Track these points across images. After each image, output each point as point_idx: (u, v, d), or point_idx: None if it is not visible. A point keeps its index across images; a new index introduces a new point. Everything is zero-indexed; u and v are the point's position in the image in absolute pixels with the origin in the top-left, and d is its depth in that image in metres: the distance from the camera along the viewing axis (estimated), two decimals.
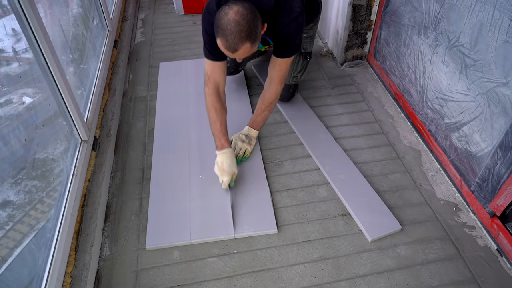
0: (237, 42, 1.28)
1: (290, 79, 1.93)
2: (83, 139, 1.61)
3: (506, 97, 1.27)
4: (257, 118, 1.73)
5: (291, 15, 1.44)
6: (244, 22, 1.27)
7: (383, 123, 1.96)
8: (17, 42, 1.33)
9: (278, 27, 1.46)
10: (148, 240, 1.43)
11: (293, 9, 1.45)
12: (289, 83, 1.95)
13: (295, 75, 1.93)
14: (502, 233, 1.36)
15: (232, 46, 1.29)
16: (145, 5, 3.20)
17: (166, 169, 1.69)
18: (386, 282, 1.32)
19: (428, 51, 1.68)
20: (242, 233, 1.46)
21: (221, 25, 1.28)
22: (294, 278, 1.34)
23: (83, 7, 2.14)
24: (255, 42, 1.33)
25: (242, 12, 1.27)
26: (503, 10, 1.23)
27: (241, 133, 1.74)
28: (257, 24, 1.32)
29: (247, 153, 1.72)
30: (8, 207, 1.12)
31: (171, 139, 1.84)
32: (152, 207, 1.54)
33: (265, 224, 1.49)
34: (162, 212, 1.53)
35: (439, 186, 1.64)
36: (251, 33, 1.29)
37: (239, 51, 1.31)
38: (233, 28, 1.26)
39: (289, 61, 1.60)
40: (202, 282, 1.33)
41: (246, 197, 1.58)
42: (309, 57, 1.93)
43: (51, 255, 1.21)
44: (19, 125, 1.24)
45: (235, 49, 1.30)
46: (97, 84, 1.94)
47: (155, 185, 1.63)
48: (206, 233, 1.45)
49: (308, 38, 1.88)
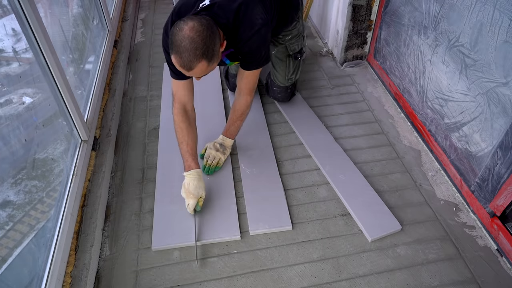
0: (191, 60, 1.20)
1: (285, 82, 1.91)
2: (83, 139, 1.61)
3: (506, 97, 1.27)
4: (230, 127, 1.69)
5: (253, 28, 1.37)
6: (200, 39, 1.19)
7: (383, 123, 1.96)
8: (17, 42, 1.33)
9: (240, 42, 1.39)
10: (154, 241, 1.43)
11: (254, 22, 1.37)
12: (285, 85, 1.93)
13: (289, 77, 1.91)
14: (502, 233, 1.36)
15: (186, 64, 1.22)
16: (145, 5, 3.20)
17: (171, 168, 1.68)
18: (386, 282, 1.32)
19: (428, 51, 1.68)
20: (257, 230, 1.46)
21: (175, 41, 1.20)
22: (294, 278, 1.34)
23: (83, 7, 2.15)
24: (212, 60, 1.25)
25: (198, 28, 1.19)
26: (503, 10, 1.23)
27: (216, 142, 1.71)
28: (214, 41, 1.24)
29: (220, 163, 1.69)
30: (8, 207, 1.12)
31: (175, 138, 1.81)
32: (157, 207, 1.54)
33: (280, 221, 1.49)
34: (167, 212, 1.52)
35: (439, 186, 1.64)
36: (207, 50, 1.21)
37: (195, 69, 1.24)
38: (188, 46, 1.18)
39: (257, 72, 1.54)
40: (202, 282, 1.33)
41: (260, 194, 1.58)
42: (299, 56, 1.87)
43: (51, 255, 1.21)
44: (19, 125, 1.24)
45: (190, 67, 1.22)
46: (97, 84, 1.94)
47: (160, 184, 1.62)
48: (212, 234, 1.45)
49: (294, 37, 1.80)
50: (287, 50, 1.82)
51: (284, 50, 1.82)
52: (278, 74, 1.90)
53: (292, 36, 1.79)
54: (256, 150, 1.79)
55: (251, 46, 1.42)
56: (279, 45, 1.81)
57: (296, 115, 1.98)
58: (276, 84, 1.94)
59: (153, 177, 1.69)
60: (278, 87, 1.95)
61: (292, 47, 1.82)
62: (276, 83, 1.94)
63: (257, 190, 1.61)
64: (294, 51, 1.84)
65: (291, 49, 1.82)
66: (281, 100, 2.00)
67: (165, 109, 2.02)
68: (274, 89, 1.97)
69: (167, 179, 1.65)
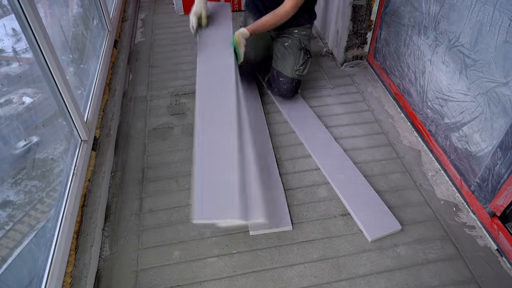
0: None
1: (293, 72, 1.96)
2: (83, 139, 1.61)
3: (506, 97, 1.27)
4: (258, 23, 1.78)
5: None
6: None
7: (383, 123, 1.96)
8: (17, 42, 1.32)
9: None
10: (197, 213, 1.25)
11: None
12: (292, 76, 1.97)
13: (297, 68, 1.96)
14: (502, 233, 1.36)
15: None
16: (145, 5, 3.20)
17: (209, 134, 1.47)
18: (386, 282, 1.32)
19: (428, 51, 1.68)
20: (257, 230, 1.47)
21: None
22: (294, 278, 1.34)
23: (83, 7, 2.14)
24: None
25: None
26: (503, 10, 1.23)
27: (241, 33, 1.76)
28: None
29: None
30: (8, 207, 1.12)
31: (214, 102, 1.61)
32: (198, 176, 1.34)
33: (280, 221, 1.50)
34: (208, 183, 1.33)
35: (439, 186, 1.64)
36: None
37: None
38: None
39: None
40: (202, 282, 1.33)
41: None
42: (309, 55, 1.99)
43: (51, 255, 1.21)
44: (19, 125, 1.24)
45: None
46: (97, 84, 1.94)
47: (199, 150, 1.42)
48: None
49: (307, 36, 2.01)
50: (300, 43, 1.97)
51: (297, 43, 1.97)
52: (287, 64, 1.96)
53: (306, 33, 2.00)
54: (256, 150, 1.79)
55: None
56: (293, 38, 1.98)
57: (296, 114, 1.98)
58: (284, 75, 1.97)
59: (153, 177, 1.70)
60: (285, 77, 1.97)
61: (305, 42, 1.99)
62: (283, 73, 1.97)
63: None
64: (306, 46, 1.99)
65: (303, 43, 1.98)
66: (285, 93, 2.01)
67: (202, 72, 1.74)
68: (280, 80, 1.98)
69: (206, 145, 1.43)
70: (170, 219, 1.53)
